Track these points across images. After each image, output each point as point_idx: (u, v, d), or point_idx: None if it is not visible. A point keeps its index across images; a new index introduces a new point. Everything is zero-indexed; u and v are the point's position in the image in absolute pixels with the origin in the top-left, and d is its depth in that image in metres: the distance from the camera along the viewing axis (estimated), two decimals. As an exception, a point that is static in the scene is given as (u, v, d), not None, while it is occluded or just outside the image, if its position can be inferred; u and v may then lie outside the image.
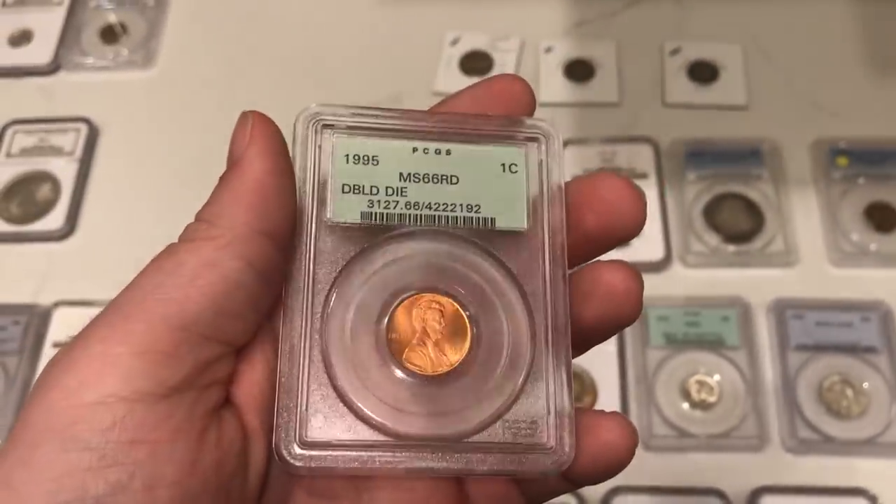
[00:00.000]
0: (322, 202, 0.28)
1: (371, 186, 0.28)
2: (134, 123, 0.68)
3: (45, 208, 0.64)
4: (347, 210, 0.28)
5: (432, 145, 0.29)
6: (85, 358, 0.23)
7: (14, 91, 0.70)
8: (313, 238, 0.27)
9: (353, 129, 0.29)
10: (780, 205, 0.61)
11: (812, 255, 0.60)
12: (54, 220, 0.63)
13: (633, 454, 0.27)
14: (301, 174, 0.28)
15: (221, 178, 0.26)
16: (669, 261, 0.59)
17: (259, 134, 0.26)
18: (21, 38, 0.71)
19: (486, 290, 0.28)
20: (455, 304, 0.27)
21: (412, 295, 0.27)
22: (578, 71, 0.68)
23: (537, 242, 0.28)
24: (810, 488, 0.52)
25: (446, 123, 0.29)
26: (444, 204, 0.28)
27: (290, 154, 0.27)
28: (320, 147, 0.28)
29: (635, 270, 0.28)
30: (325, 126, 0.28)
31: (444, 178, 0.29)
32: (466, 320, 0.27)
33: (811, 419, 0.53)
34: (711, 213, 0.60)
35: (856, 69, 0.67)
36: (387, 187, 0.28)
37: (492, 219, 0.28)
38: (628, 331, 0.56)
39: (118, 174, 0.66)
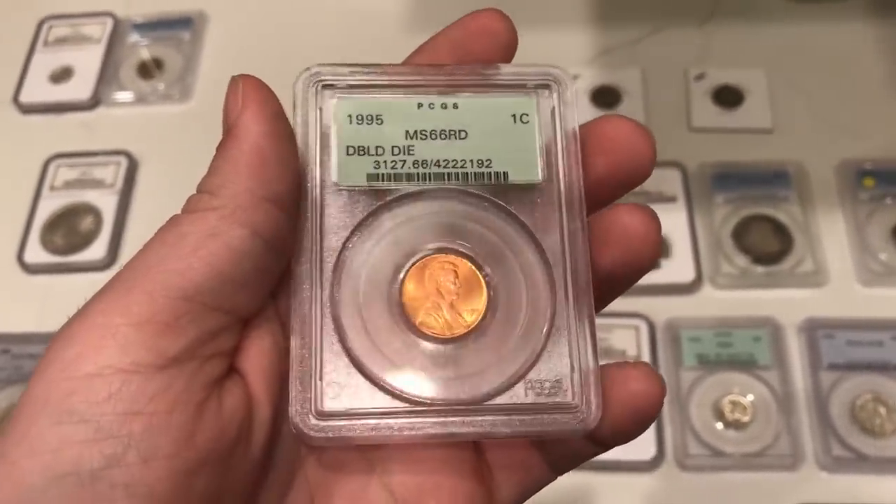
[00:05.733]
0: (327, 166, 0.27)
1: (376, 147, 0.27)
2: (172, 156, 0.70)
3: (88, 239, 0.65)
4: (353, 173, 0.27)
5: (438, 99, 0.28)
6: (84, 330, 0.22)
7: (56, 126, 0.72)
8: (319, 204, 0.26)
9: (354, 88, 0.28)
10: (807, 226, 0.61)
11: (841, 275, 0.60)
12: (97, 250, 0.65)
13: (660, 405, 0.26)
14: (303, 138, 0.27)
15: (218, 148, 0.25)
16: (700, 283, 0.60)
17: (252, 97, 0.25)
18: (62, 75, 0.73)
19: (501, 247, 0.27)
20: (469, 263, 0.26)
21: (424, 256, 0.26)
22: (605, 97, 0.69)
23: (553, 194, 0.27)
24: (846, 506, 0.52)
25: (452, 76, 0.28)
26: (453, 160, 0.27)
27: (292, 118, 0.26)
28: (321, 109, 0.27)
29: (651, 210, 0.27)
30: (326, 87, 0.28)
31: (453, 133, 0.27)
32: (482, 279, 0.26)
33: (844, 437, 0.54)
34: (740, 235, 0.61)
35: (879, 90, 0.68)
36: (393, 147, 0.27)
37: (504, 172, 0.27)
38: (661, 352, 0.57)
39: (157, 205, 0.67)
